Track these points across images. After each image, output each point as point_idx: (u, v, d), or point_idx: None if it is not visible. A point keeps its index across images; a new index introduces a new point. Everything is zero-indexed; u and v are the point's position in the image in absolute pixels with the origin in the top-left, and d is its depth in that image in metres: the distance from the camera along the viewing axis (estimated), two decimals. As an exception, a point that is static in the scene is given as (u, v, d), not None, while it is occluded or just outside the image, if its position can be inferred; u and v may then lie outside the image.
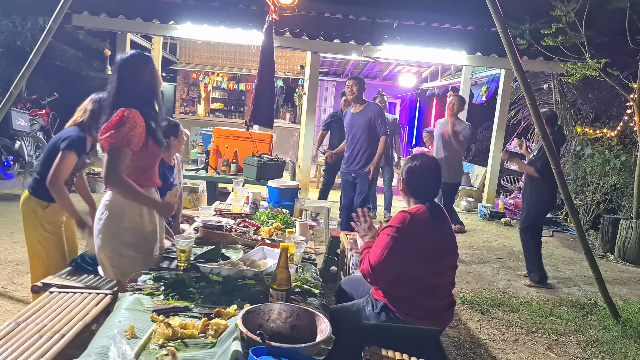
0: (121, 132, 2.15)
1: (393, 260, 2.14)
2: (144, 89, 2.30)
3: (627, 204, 6.82)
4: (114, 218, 2.27)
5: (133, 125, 2.17)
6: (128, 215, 2.28)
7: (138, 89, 2.28)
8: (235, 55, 12.49)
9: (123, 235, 2.28)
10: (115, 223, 2.27)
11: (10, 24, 7.84)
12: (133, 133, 2.18)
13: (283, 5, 4.26)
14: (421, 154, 2.46)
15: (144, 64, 2.31)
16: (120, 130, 2.15)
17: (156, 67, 2.39)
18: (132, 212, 2.29)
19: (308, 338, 1.49)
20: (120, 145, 2.16)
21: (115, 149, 2.16)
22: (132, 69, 2.27)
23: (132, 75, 2.26)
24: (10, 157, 7.73)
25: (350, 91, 4.83)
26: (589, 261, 3.88)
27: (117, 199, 2.27)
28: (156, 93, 2.38)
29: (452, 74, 11.32)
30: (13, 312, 3.21)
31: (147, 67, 2.31)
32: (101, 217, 2.29)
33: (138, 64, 2.29)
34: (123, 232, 2.28)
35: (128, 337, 1.50)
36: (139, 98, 2.27)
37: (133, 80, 2.26)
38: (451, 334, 3.53)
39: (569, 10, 6.40)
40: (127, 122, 2.16)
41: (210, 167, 5.12)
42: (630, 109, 6.70)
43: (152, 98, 2.36)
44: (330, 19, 8.76)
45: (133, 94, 2.25)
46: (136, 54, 2.34)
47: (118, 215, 2.27)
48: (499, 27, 3.69)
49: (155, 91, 2.37)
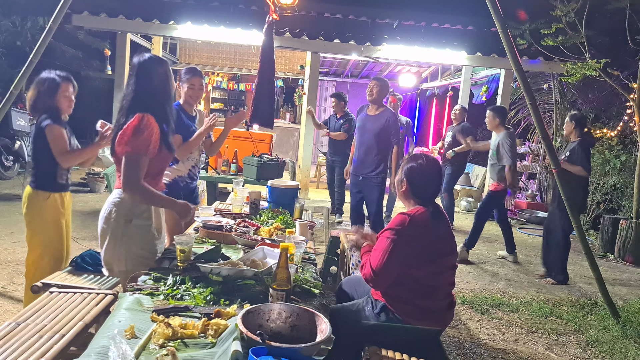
0: (139, 139, 2.15)
1: (394, 263, 2.14)
2: (159, 93, 2.29)
3: (627, 204, 6.82)
4: (123, 215, 2.27)
5: (151, 132, 2.17)
6: (137, 214, 2.29)
7: (155, 92, 2.27)
8: (235, 55, 12.49)
9: (132, 233, 2.28)
10: (126, 220, 2.27)
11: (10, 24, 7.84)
12: (151, 140, 2.18)
13: (283, 5, 4.26)
14: (422, 154, 2.42)
15: (160, 66, 2.31)
16: (138, 137, 2.14)
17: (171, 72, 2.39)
18: (140, 211, 2.30)
19: (308, 338, 1.49)
20: (139, 152, 2.15)
21: (133, 156, 2.15)
22: (148, 72, 2.26)
23: (149, 78, 2.26)
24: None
25: (370, 92, 4.63)
26: (589, 261, 3.88)
27: (126, 198, 2.27)
28: (171, 97, 2.38)
29: (452, 74, 11.32)
30: (13, 312, 3.21)
31: (163, 71, 2.31)
32: (109, 215, 2.29)
33: (154, 67, 2.29)
34: (132, 230, 2.28)
35: (128, 337, 1.50)
36: (155, 101, 2.27)
37: (149, 84, 2.26)
38: (451, 334, 3.53)
39: (569, 10, 6.40)
40: (146, 129, 2.16)
41: (210, 167, 5.12)
42: (630, 109, 6.70)
43: (168, 102, 2.35)
44: (330, 19, 8.77)
45: (150, 98, 2.25)
46: (153, 57, 2.34)
47: (127, 214, 2.27)
48: (499, 27, 3.69)
49: (170, 95, 2.36)
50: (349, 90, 13.17)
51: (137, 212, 2.29)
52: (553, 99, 8.62)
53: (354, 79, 13.85)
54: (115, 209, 2.28)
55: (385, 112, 4.68)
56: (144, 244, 2.33)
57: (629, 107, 6.70)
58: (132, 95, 2.25)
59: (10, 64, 7.75)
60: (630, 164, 6.91)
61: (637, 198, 6.12)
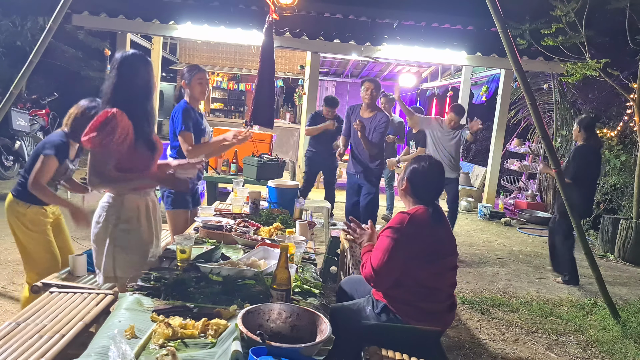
0: (102, 134, 2.11)
1: (395, 262, 2.14)
2: (139, 90, 2.27)
3: (627, 204, 6.82)
4: (110, 221, 2.24)
5: (115, 127, 2.12)
6: (123, 219, 2.24)
7: (134, 88, 2.25)
8: (235, 55, 12.48)
9: (119, 238, 2.24)
10: (112, 226, 2.24)
11: (10, 24, 7.84)
12: (115, 135, 2.13)
13: (283, 5, 4.26)
14: (427, 155, 2.44)
15: (142, 64, 2.29)
16: (102, 132, 2.11)
17: (154, 71, 2.38)
18: (128, 215, 2.25)
19: (308, 338, 1.49)
20: (101, 146, 2.11)
21: (96, 151, 2.12)
22: (130, 68, 2.25)
23: (129, 74, 2.24)
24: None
25: (370, 95, 4.72)
26: (589, 261, 3.88)
27: (115, 201, 2.24)
28: (151, 95, 2.35)
29: (452, 74, 11.32)
30: (13, 312, 3.21)
31: (145, 68, 2.29)
32: (98, 219, 2.26)
33: (137, 64, 2.27)
34: (119, 235, 2.24)
35: (128, 337, 1.50)
36: (134, 98, 2.24)
37: (130, 79, 2.24)
38: (451, 334, 3.53)
39: (569, 10, 6.40)
40: (109, 124, 2.12)
41: (210, 167, 5.12)
42: (630, 109, 6.70)
43: (147, 100, 2.33)
44: (330, 19, 8.76)
45: (128, 94, 2.22)
46: (137, 53, 2.33)
47: (114, 218, 2.24)
48: (499, 27, 3.69)
49: (150, 93, 2.34)
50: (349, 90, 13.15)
51: (124, 216, 2.25)
52: (553, 99, 8.62)
53: (354, 79, 13.85)
54: (103, 213, 2.25)
55: (378, 116, 4.76)
56: (133, 249, 2.27)
57: (629, 107, 6.69)
58: (110, 89, 2.22)
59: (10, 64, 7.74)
60: (630, 164, 6.90)
61: (637, 198, 6.12)
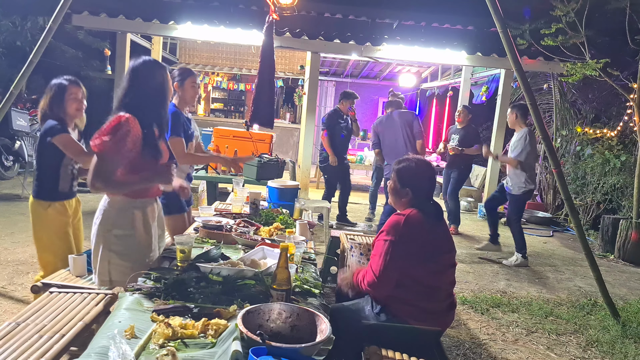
0: (113, 139, 2.09)
1: (395, 263, 2.14)
2: (156, 97, 2.26)
3: (627, 204, 6.82)
4: (105, 224, 2.23)
5: (127, 133, 2.11)
6: (119, 224, 2.23)
7: (150, 95, 2.24)
8: (235, 55, 12.49)
9: (113, 243, 2.23)
10: (106, 229, 2.23)
11: (10, 24, 7.83)
12: (126, 141, 2.12)
13: (283, 5, 4.27)
14: (414, 157, 2.44)
15: (159, 70, 2.28)
16: (113, 138, 2.09)
17: (169, 78, 2.35)
18: (123, 221, 2.24)
19: (308, 338, 1.49)
20: (110, 151, 2.10)
21: (104, 155, 2.10)
22: (145, 75, 2.23)
23: (143, 81, 2.23)
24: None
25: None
26: (589, 261, 3.88)
27: (112, 205, 2.24)
28: (165, 103, 2.34)
29: (452, 74, 11.32)
30: (13, 312, 3.21)
31: (161, 74, 2.28)
32: (95, 221, 2.26)
33: (153, 71, 2.26)
34: (112, 240, 2.23)
35: (128, 337, 1.50)
36: (148, 105, 2.23)
37: (146, 86, 2.22)
38: (451, 334, 3.53)
39: (569, 10, 6.40)
40: (121, 129, 2.11)
41: (210, 167, 5.12)
42: (630, 109, 6.70)
43: (163, 107, 2.32)
44: (330, 19, 8.76)
45: (143, 101, 2.21)
46: (152, 60, 2.31)
47: (109, 222, 2.23)
48: (499, 27, 3.69)
49: (165, 101, 2.32)
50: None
51: (118, 222, 2.23)
52: (553, 99, 8.62)
53: (354, 79, 13.85)
54: (100, 216, 2.25)
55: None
56: (127, 254, 2.25)
57: (629, 107, 6.69)
58: (122, 94, 2.22)
59: (10, 64, 7.73)
60: (630, 164, 6.90)
61: (637, 198, 6.12)
